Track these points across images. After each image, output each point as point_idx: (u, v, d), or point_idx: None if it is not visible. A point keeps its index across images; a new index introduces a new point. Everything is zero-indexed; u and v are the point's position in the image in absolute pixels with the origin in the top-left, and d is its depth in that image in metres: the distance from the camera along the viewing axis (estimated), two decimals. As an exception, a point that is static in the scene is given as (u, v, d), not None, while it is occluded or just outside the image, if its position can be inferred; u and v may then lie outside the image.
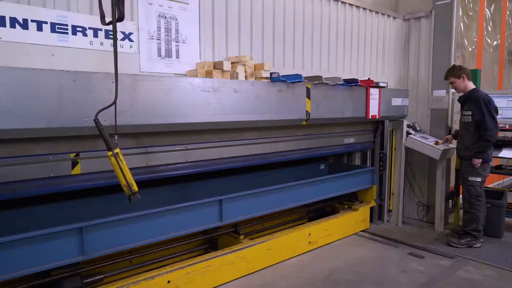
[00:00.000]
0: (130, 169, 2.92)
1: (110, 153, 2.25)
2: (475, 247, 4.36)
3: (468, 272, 3.79)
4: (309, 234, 4.23)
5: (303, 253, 4.17)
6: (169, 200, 3.67)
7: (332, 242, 4.52)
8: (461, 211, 4.70)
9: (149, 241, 3.00)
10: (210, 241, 3.88)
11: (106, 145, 2.27)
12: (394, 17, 5.47)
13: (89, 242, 2.68)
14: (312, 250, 4.27)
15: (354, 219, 4.82)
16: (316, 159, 5.43)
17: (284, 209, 4.15)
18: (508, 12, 7.74)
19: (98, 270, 3.02)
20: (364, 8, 5.00)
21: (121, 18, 2.34)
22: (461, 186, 4.71)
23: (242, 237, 3.74)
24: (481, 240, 4.44)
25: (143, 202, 3.51)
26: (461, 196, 4.82)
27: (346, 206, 4.96)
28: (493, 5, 7.08)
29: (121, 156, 2.26)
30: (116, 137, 2.32)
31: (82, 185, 2.73)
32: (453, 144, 4.89)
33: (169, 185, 3.76)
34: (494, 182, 7.05)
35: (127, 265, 3.30)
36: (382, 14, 5.29)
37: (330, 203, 4.96)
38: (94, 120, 2.27)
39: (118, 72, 2.60)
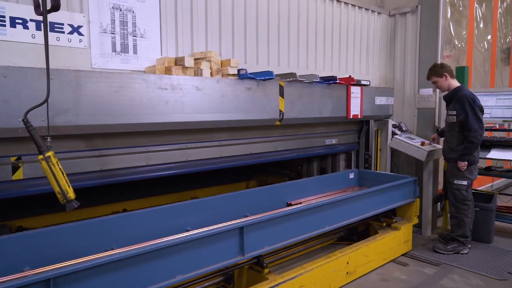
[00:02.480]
0: (82, 173, 2.75)
1: (41, 156, 2.02)
2: (462, 254, 4.13)
3: (452, 281, 3.56)
4: (347, 263, 3.49)
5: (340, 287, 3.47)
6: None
7: (372, 271, 3.76)
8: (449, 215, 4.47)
9: None
10: (225, 274, 3.03)
11: (37, 148, 2.05)
12: (379, 13, 5.25)
13: None
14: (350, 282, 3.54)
15: (396, 241, 4.05)
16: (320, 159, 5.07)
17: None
18: (500, 11, 7.54)
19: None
20: (346, 3, 4.78)
21: (56, 7, 2.11)
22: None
23: (267, 270, 3.01)
24: (469, 246, 4.22)
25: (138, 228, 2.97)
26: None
27: (384, 224, 4.17)
28: (484, 4, 6.87)
29: (53, 160, 2.03)
30: (48, 139, 2.09)
31: (25, 191, 2.49)
32: (441, 144, 4.66)
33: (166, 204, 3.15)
34: (487, 183, 6.82)
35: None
36: (366, 9, 5.06)
37: (366, 220, 4.09)
38: (23, 120, 2.04)
39: (63, 68, 2.40)
